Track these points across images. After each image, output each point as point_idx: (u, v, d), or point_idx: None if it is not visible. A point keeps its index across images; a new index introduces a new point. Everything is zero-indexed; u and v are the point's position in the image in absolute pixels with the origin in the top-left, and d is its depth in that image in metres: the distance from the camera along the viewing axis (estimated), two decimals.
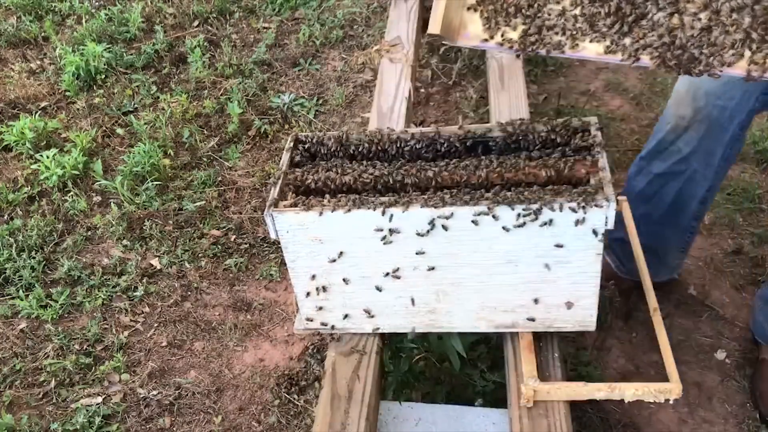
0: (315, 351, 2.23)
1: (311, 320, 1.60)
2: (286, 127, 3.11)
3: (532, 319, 1.52)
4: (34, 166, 2.91)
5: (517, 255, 1.41)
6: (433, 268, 1.46)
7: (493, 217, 1.36)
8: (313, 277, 1.52)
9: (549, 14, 1.33)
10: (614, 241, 2.19)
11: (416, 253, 1.44)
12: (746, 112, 1.81)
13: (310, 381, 2.15)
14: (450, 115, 3.14)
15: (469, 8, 1.36)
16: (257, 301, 2.41)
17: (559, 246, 1.38)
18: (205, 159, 2.96)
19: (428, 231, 1.40)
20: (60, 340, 2.29)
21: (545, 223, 1.35)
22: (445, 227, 1.39)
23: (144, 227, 2.65)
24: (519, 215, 1.35)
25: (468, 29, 1.37)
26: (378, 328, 1.60)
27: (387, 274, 1.49)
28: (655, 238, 2.05)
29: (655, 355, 2.13)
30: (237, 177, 2.88)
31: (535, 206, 1.34)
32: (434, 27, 1.33)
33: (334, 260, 1.48)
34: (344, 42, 3.65)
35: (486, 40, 1.36)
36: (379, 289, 1.51)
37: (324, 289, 1.54)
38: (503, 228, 1.37)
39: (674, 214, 2.04)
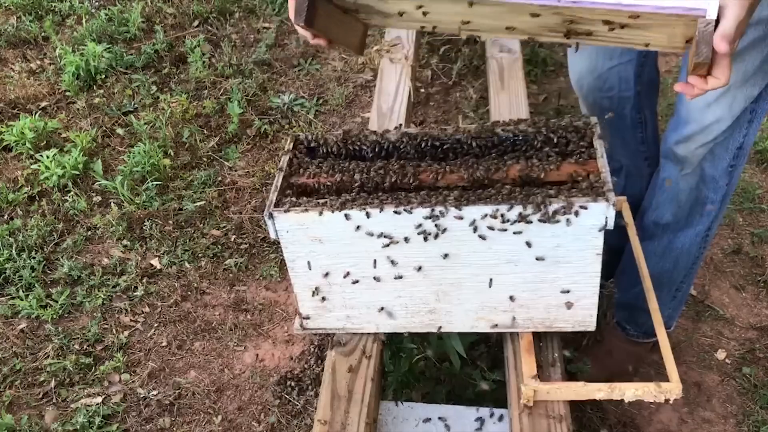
0: (315, 351, 2.23)
1: (311, 320, 1.60)
2: (286, 127, 3.11)
3: (532, 319, 1.52)
4: (34, 166, 2.91)
5: (517, 255, 1.41)
6: (432, 268, 1.46)
7: (493, 217, 1.36)
8: (313, 277, 1.52)
9: None
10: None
11: (416, 253, 1.44)
12: (633, 94, 1.82)
13: (310, 381, 2.15)
14: (450, 115, 3.14)
15: None
16: (257, 301, 2.41)
17: (558, 246, 1.38)
18: (205, 159, 2.96)
19: (428, 231, 1.40)
20: (60, 340, 2.29)
21: (544, 223, 1.36)
22: (444, 227, 1.39)
23: (144, 227, 2.65)
24: (519, 215, 1.35)
25: None
26: (378, 328, 1.60)
27: (386, 274, 1.49)
28: None
29: (655, 355, 2.12)
30: (237, 177, 2.88)
31: (534, 206, 1.34)
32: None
33: (334, 260, 1.48)
34: None
35: None
36: (378, 289, 1.51)
37: (324, 289, 1.54)
38: (502, 228, 1.37)
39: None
